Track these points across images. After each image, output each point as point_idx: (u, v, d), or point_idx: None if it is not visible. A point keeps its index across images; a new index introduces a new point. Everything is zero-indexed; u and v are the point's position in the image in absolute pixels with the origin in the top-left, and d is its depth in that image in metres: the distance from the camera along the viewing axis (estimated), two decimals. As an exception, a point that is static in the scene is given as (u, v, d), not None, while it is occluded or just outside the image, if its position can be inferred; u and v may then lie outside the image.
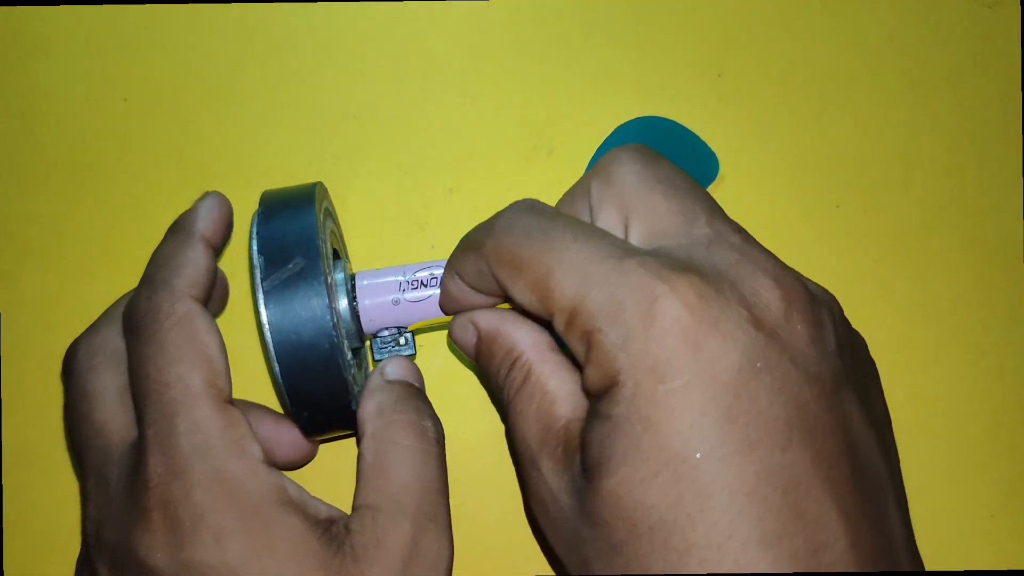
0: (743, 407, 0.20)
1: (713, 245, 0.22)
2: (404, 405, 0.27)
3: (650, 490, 0.20)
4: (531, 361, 0.25)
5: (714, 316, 0.20)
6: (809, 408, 0.20)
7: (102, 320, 0.29)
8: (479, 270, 0.25)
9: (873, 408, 0.23)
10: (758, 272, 0.21)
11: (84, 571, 0.27)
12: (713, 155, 0.35)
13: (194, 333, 0.26)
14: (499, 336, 0.26)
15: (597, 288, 0.21)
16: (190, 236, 0.27)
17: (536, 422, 0.24)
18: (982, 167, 0.36)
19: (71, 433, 0.27)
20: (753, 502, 0.19)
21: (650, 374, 0.20)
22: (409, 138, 0.36)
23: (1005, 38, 0.37)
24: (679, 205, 0.23)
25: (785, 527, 0.19)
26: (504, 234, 0.24)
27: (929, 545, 0.33)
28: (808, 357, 0.21)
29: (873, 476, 0.21)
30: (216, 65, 0.36)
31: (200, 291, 0.27)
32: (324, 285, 0.26)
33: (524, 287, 0.23)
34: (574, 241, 0.22)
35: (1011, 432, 0.34)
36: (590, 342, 0.21)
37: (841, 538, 0.20)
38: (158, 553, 0.24)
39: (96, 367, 0.27)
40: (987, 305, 0.35)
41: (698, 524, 0.19)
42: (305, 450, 0.30)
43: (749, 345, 0.20)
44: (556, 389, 0.24)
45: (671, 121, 0.35)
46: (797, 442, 0.20)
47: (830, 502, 0.20)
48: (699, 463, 0.20)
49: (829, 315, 0.22)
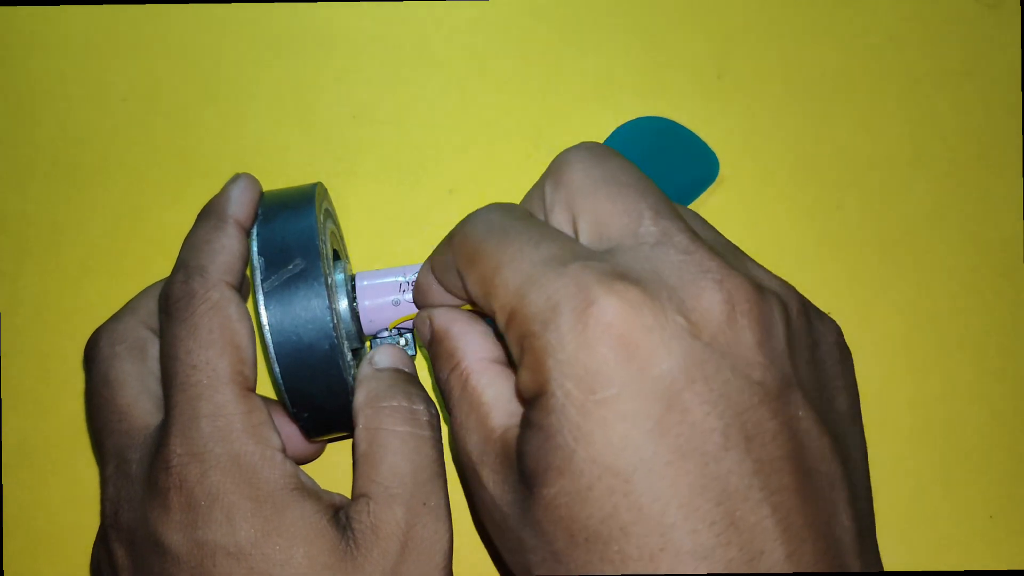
0: (675, 418, 0.20)
1: (658, 246, 0.22)
2: (394, 391, 0.28)
3: (585, 503, 0.20)
4: (469, 370, 0.25)
5: (648, 324, 0.20)
6: (749, 416, 0.20)
7: (125, 310, 0.30)
8: (446, 261, 0.25)
9: (831, 407, 0.23)
10: (701, 276, 0.21)
11: (101, 552, 0.28)
12: (713, 155, 0.35)
13: (226, 320, 0.26)
14: (446, 337, 0.26)
15: (536, 290, 0.21)
16: (223, 221, 0.28)
17: (474, 432, 0.24)
18: (982, 167, 0.36)
19: (92, 418, 0.28)
20: (685, 514, 0.19)
21: (580, 383, 0.20)
22: (409, 138, 0.36)
23: (1005, 38, 0.37)
24: (623, 205, 0.23)
25: (719, 538, 0.19)
26: (470, 227, 0.24)
27: (929, 545, 0.33)
28: (752, 363, 0.20)
29: (822, 477, 0.21)
30: (216, 65, 0.36)
31: (234, 277, 0.27)
32: (324, 286, 0.26)
33: (474, 281, 0.23)
34: (527, 242, 0.22)
35: (1011, 432, 0.34)
36: (523, 345, 0.21)
37: (779, 547, 0.19)
38: (173, 532, 0.25)
39: (118, 354, 0.28)
40: (987, 305, 0.35)
41: (631, 537, 0.19)
42: (311, 449, 0.31)
43: (684, 354, 0.20)
44: (492, 399, 0.24)
45: (671, 121, 0.35)
46: (734, 451, 0.20)
47: (768, 510, 0.20)
48: (631, 476, 0.19)
49: (781, 313, 0.22)
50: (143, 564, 0.25)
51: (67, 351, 0.34)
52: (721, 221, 0.36)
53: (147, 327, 0.29)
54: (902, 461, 0.34)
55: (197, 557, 0.25)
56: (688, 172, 0.35)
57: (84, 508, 0.33)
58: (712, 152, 0.35)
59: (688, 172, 0.35)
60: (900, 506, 0.33)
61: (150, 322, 0.29)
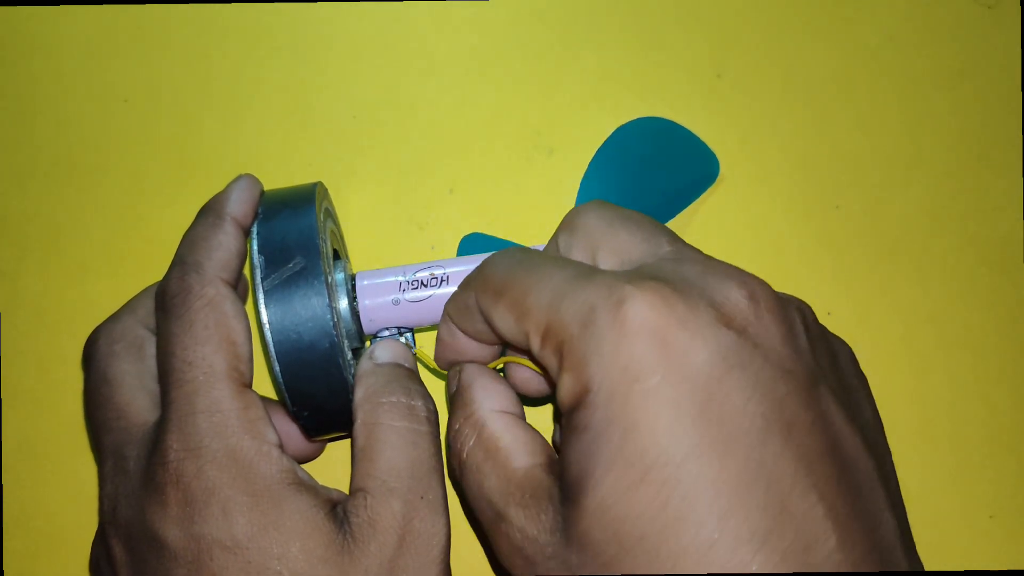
0: (718, 404, 0.20)
1: (678, 261, 0.23)
2: (392, 387, 0.28)
3: (636, 498, 0.20)
4: (484, 418, 0.25)
5: (681, 316, 0.20)
6: (786, 404, 0.20)
7: (123, 310, 0.30)
8: (466, 304, 0.25)
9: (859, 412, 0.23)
10: (724, 277, 0.22)
11: (99, 549, 0.28)
12: (713, 156, 0.35)
13: (222, 316, 0.26)
14: (468, 389, 0.26)
15: (568, 300, 0.22)
16: (221, 219, 0.28)
17: (493, 475, 0.24)
18: (982, 167, 0.36)
19: (90, 416, 0.28)
20: (738, 500, 0.19)
21: (623, 374, 0.20)
22: (409, 138, 0.36)
23: (1005, 38, 0.37)
24: (641, 235, 0.24)
25: (773, 524, 0.19)
26: (490, 268, 0.25)
27: (929, 545, 0.33)
28: (781, 354, 0.21)
29: (861, 474, 0.21)
30: (216, 65, 0.36)
31: (230, 275, 0.27)
32: (324, 285, 0.26)
33: (503, 310, 0.24)
34: (553, 266, 0.23)
35: (1011, 432, 0.34)
36: (562, 351, 0.21)
37: (831, 535, 0.19)
38: (170, 527, 0.25)
39: (117, 353, 0.28)
40: (987, 305, 0.35)
41: (686, 528, 0.19)
42: (311, 448, 0.31)
43: (719, 342, 0.20)
44: (510, 443, 0.24)
45: (671, 122, 0.35)
46: (777, 437, 0.20)
47: (815, 498, 0.19)
48: (680, 464, 0.19)
49: (800, 317, 0.22)
50: (141, 560, 0.25)
51: (67, 351, 0.34)
52: (721, 221, 0.36)
53: (145, 326, 0.29)
54: (902, 461, 0.34)
55: (194, 552, 0.25)
56: (688, 173, 0.35)
57: (84, 508, 0.33)
58: (712, 153, 0.35)
59: (688, 173, 0.35)
60: (900, 506, 0.33)
61: (148, 321, 0.29)
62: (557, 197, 0.35)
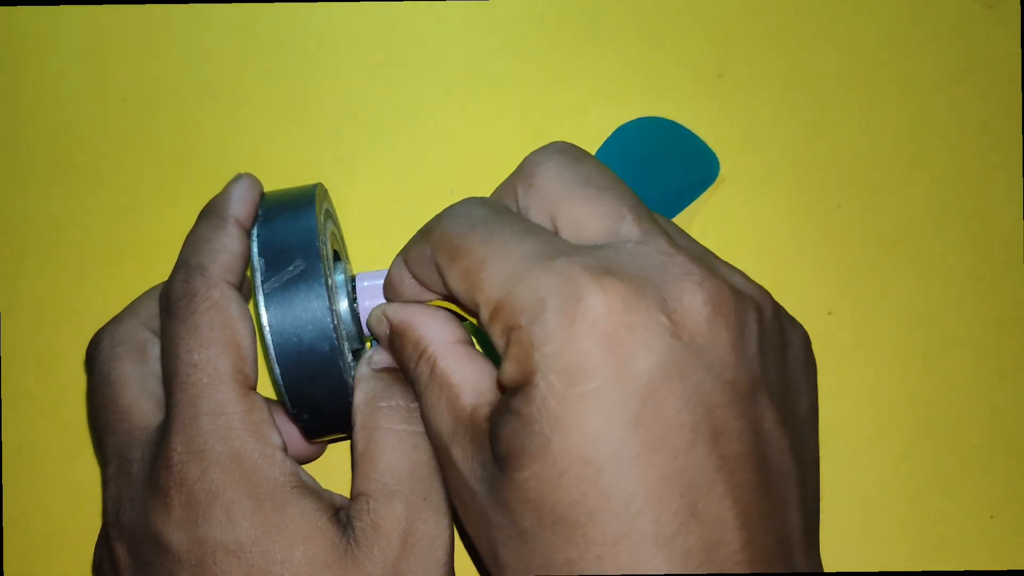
0: (650, 413, 0.20)
1: (640, 245, 0.22)
2: (392, 391, 0.28)
3: (556, 488, 0.20)
4: (436, 354, 0.25)
5: (632, 321, 0.21)
6: (718, 414, 0.21)
7: (126, 312, 0.30)
8: (423, 255, 0.25)
9: (793, 409, 0.23)
10: (683, 276, 0.22)
11: (103, 552, 0.28)
12: (714, 156, 0.35)
13: (227, 319, 0.26)
14: (408, 329, 0.26)
15: (522, 284, 0.21)
16: (224, 221, 0.28)
17: (444, 412, 0.24)
18: (982, 167, 0.36)
19: (94, 419, 0.28)
20: (650, 503, 0.20)
21: (563, 376, 0.20)
22: (409, 138, 0.36)
23: (1005, 38, 0.37)
24: (603, 208, 0.23)
25: (680, 527, 0.20)
26: (449, 222, 0.24)
27: (929, 545, 0.33)
28: (726, 363, 0.21)
29: (779, 475, 0.22)
30: (216, 65, 0.36)
31: (234, 276, 0.27)
32: (325, 287, 0.26)
33: (457, 275, 0.23)
34: (511, 237, 0.23)
35: (1011, 432, 0.34)
36: (510, 338, 0.22)
37: (736, 537, 0.20)
38: (174, 530, 0.25)
39: (120, 355, 0.28)
40: (987, 305, 0.35)
41: (597, 522, 0.20)
42: (312, 449, 0.31)
43: (665, 352, 0.21)
44: (461, 380, 0.24)
45: (671, 122, 0.35)
46: (702, 446, 0.20)
47: (729, 503, 0.20)
48: (603, 466, 0.20)
49: (756, 316, 0.22)
50: (144, 563, 0.25)
51: (67, 351, 0.34)
52: (721, 220, 0.36)
53: (148, 328, 0.29)
54: (902, 461, 0.34)
55: (197, 555, 0.25)
56: (688, 173, 0.35)
57: (84, 508, 0.33)
58: (712, 153, 0.35)
59: (688, 173, 0.35)
60: (900, 506, 0.33)
61: (151, 323, 0.29)
62: (557, 197, 0.35)
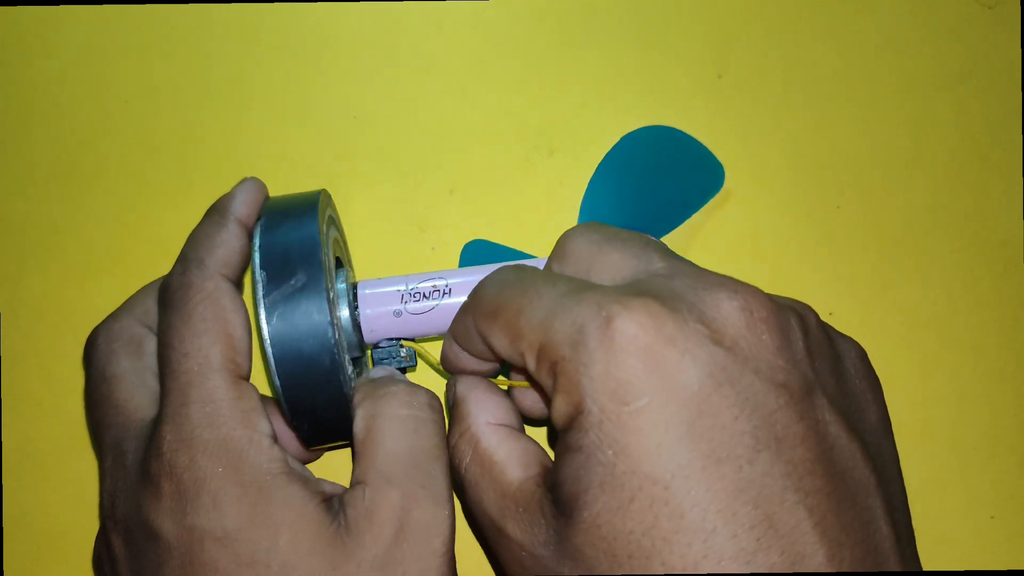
0: (707, 423, 0.20)
1: (670, 276, 0.23)
2: (392, 380, 0.28)
3: (627, 517, 0.20)
4: (479, 432, 0.25)
5: (670, 333, 0.20)
6: (776, 418, 0.20)
7: (121, 309, 0.30)
8: (466, 327, 0.26)
9: (861, 418, 0.23)
10: (716, 288, 0.22)
11: (101, 545, 0.28)
12: (719, 165, 0.35)
13: (220, 309, 0.26)
14: (463, 403, 0.26)
15: (559, 319, 0.22)
16: (225, 218, 0.28)
17: (490, 489, 0.24)
18: (982, 167, 0.36)
19: (91, 414, 0.28)
20: (725, 518, 0.19)
21: (613, 396, 0.20)
22: (409, 139, 0.36)
23: (1005, 38, 0.37)
24: (632, 252, 0.24)
25: (759, 542, 0.19)
26: (484, 289, 0.25)
27: (929, 545, 0.33)
28: (773, 366, 0.21)
29: (855, 483, 0.21)
30: (217, 66, 0.36)
31: (232, 271, 0.27)
32: (326, 300, 0.26)
33: (499, 332, 0.24)
34: (543, 284, 0.23)
35: (1011, 433, 0.34)
36: (555, 372, 0.22)
37: (819, 550, 0.20)
38: (164, 519, 0.25)
39: (116, 351, 0.29)
40: (987, 306, 0.35)
41: (674, 547, 0.20)
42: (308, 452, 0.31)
43: (708, 360, 0.20)
44: (505, 458, 0.24)
45: (676, 130, 0.34)
46: (765, 453, 0.20)
47: (804, 512, 0.20)
48: (670, 483, 0.20)
49: (798, 323, 0.22)
50: (138, 553, 0.25)
51: (67, 351, 0.34)
52: (720, 221, 0.36)
53: (143, 324, 0.29)
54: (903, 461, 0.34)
55: (186, 543, 0.24)
56: (693, 182, 0.35)
57: (84, 508, 0.33)
58: (718, 162, 0.35)
59: (693, 182, 0.35)
60: (900, 506, 0.33)
61: (146, 319, 0.30)
62: (558, 197, 0.35)
